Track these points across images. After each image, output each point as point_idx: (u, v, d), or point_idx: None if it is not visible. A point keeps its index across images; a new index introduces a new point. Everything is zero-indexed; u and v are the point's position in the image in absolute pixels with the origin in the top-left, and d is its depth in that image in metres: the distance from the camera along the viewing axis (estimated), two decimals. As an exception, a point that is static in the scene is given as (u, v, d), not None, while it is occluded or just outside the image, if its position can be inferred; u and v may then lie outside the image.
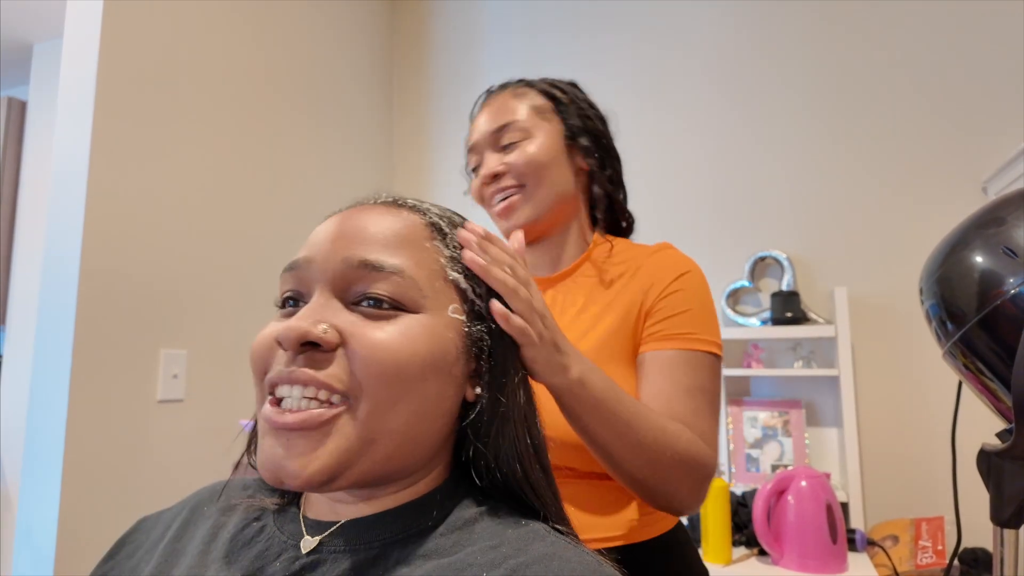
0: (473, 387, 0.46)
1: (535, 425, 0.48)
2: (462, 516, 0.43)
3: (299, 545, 0.42)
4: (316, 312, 0.41)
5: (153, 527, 0.53)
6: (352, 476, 0.40)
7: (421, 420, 0.41)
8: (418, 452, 0.43)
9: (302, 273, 0.44)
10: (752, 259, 1.92)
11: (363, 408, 0.39)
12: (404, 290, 0.42)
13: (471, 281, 0.46)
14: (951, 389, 0.72)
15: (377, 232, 0.44)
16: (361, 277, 0.42)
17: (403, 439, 0.41)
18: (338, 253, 0.43)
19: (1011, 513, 0.64)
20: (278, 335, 0.40)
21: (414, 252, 0.44)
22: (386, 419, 0.40)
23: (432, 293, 0.43)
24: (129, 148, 1.41)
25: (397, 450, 0.41)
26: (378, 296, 0.42)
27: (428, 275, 0.44)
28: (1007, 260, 0.61)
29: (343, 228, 0.44)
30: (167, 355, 1.45)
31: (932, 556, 1.51)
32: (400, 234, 0.44)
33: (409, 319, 0.42)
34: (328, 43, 2.15)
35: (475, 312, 0.46)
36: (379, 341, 0.40)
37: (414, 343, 0.41)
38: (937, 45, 1.82)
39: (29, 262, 2.41)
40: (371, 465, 0.40)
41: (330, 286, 0.43)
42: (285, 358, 0.40)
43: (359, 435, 0.39)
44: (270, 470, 0.39)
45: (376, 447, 0.40)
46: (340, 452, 0.39)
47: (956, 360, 0.67)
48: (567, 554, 0.39)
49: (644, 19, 2.17)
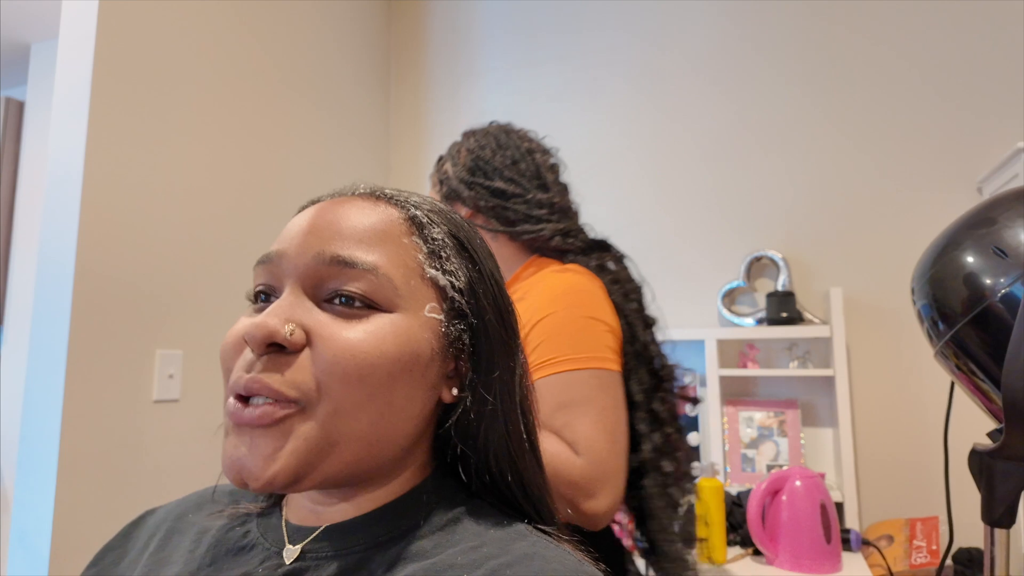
0: (451, 388, 0.44)
1: (530, 422, 0.47)
2: (444, 517, 0.43)
3: (281, 553, 0.42)
4: (285, 310, 0.40)
5: (137, 534, 0.53)
6: (317, 478, 0.39)
7: (386, 423, 0.40)
8: (386, 454, 0.42)
9: (273, 267, 0.42)
10: (748, 259, 1.93)
11: (323, 411, 0.38)
12: (377, 288, 0.40)
13: (450, 277, 0.44)
14: (944, 389, 0.73)
15: (352, 226, 0.42)
16: (334, 274, 0.41)
17: (368, 442, 0.40)
18: (310, 248, 0.41)
19: (1002, 512, 0.64)
20: (245, 333, 0.39)
21: (390, 248, 0.42)
22: (348, 423, 0.39)
23: (408, 292, 0.42)
24: (125, 148, 1.41)
25: (362, 453, 0.40)
26: (350, 294, 0.40)
27: (404, 273, 0.42)
28: (997, 260, 0.62)
29: (317, 221, 0.43)
30: (163, 355, 1.45)
31: (927, 556, 1.51)
32: (376, 229, 0.43)
33: (381, 319, 0.40)
34: (325, 41, 2.15)
35: (455, 310, 0.44)
36: (346, 343, 0.39)
37: (382, 345, 0.39)
38: (933, 46, 1.83)
39: (27, 262, 2.41)
40: (337, 467, 0.39)
41: (301, 282, 0.41)
42: (247, 359, 0.39)
43: (320, 437, 0.38)
44: (233, 469, 0.38)
45: (340, 450, 0.39)
46: (300, 453, 0.38)
47: (948, 360, 0.67)
48: (549, 553, 0.39)
49: (640, 18, 2.17)
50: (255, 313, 0.43)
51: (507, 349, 0.46)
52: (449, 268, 0.44)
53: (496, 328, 0.45)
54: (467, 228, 0.48)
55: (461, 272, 0.45)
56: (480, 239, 0.49)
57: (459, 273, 0.44)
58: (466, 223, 0.49)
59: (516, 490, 0.45)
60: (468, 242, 0.47)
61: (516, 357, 0.47)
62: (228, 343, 0.41)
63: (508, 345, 0.46)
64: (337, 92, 2.19)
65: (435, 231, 0.45)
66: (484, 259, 0.47)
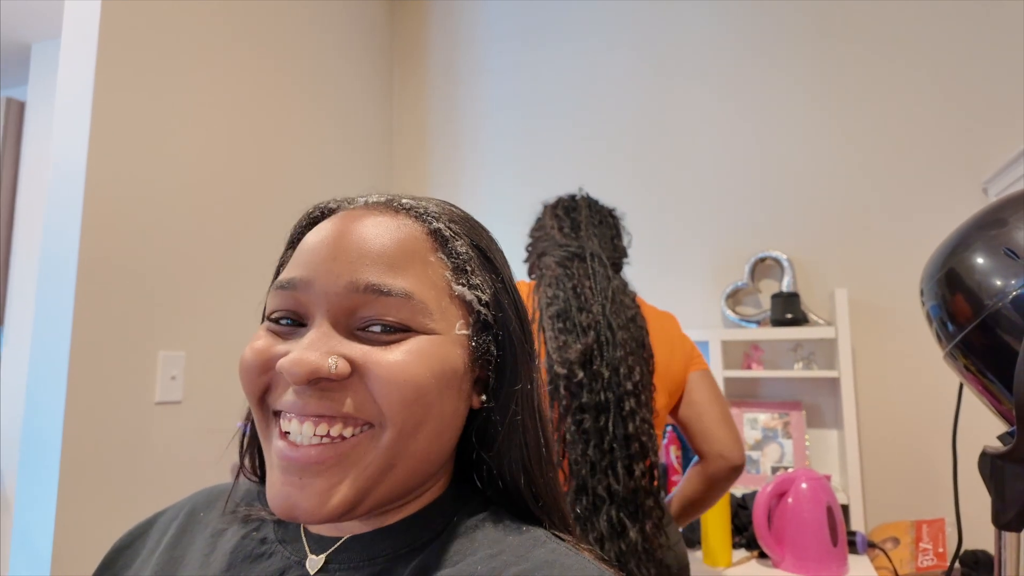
0: (479, 395, 0.45)
1: (547, 431, 0.47)
2: (464, 524, 0.43)
3: (304, 563, 0.42)
4: (322, 342, 0.38)
5: (148, 534, 0.52)
6: (369, 504, 0.39)
7: (439, 439, 0.41)
8: (431, 470, 0.42)
9: (300, 295, 0.41)
10: (752, 260, 1.92)
11: (387, 435, 0.38)
12: (413, 315, 0.40)
13: (476, 292, 0.44)
14: (952, 391, 0.72)
15: (379, 248, 0.41)
16: (367, 302, 0.39)
17: (421, 461, 0.40)
18: (341, 276, 0.40)
19: (1013, 516, 0.63)
20: (284, 369, 0.37)
21: (419, 269, 0.41)
22: (408, 443, 0.39)
23: (440, 314, 0.41)
24: (127, 148, 1.40)
25: (414, 472, 0.40)
26: (387, 323, 0.39)
27: (436, 295, 0.41)
28: (1009, 262, 0.61)
29: (341, 244, 0.41)
30: (165, 357, 1.45)
31: (933, 558, 1.50)
32: (403, 249, 0.42)
33: (419, 340, 0.40)
34: (327, 42, 2.14)
35: (481, 322, 0.44)
36: (397, 366, 0.38)
37: (429, 364, 0.39)
38: (937, 47, 1.82)
39: (28, 263, 2.40)
40: (391, 489, 0.39)
41: (333, 311, 0.40)
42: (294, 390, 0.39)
43: (380, 463, 0.38)
44: (283, 508, 0.37)
45: (395, 472, 0.39)
46: (359, 483, 0.38)
47: (957, 362, 0.66)
48: (568, 561, 0.38)
49: (643, 20, 2.17)
50: (276, 337, 0.42)
51: (528, 356, 0.46)
52: (475, 283, 0.44)
53: (519, 336, 0.45)
54: (486, 235, 0.48)
55: (486, 285, 0.44)
56: (497, 244, 0.49)
57: (484, 287, 0.44)
58: (482, 227, 0.49)
59: (529, 498, 0.45)
60: (489, 251, 0.46)
61: (534, 362, 0.47)
62: (252, 364, 0.41)
63: (528, 352, 0.46)
64: (339, 92, 2.19)
65: (458, 245, 0.44)
66: (503, 267, 0.47)
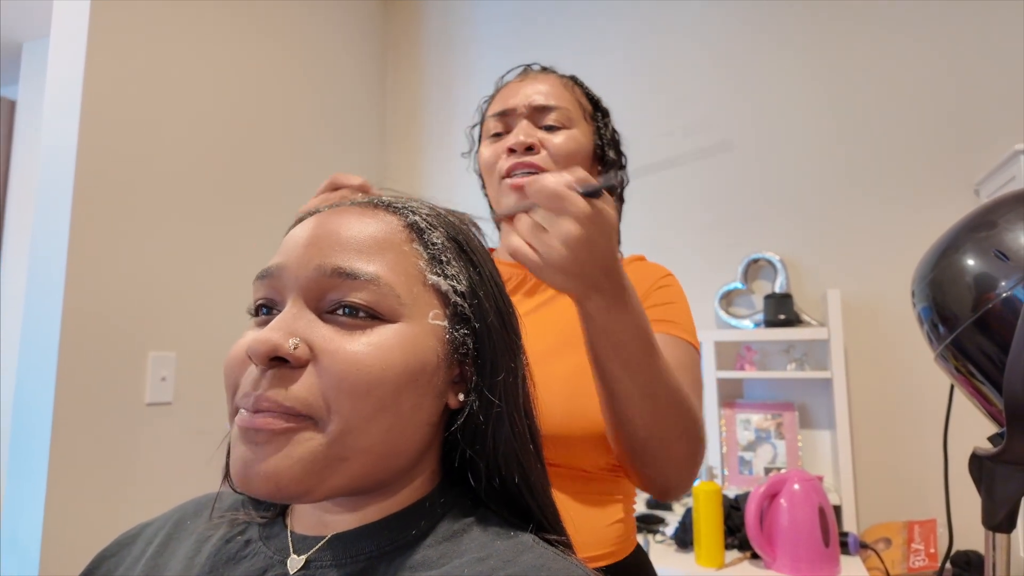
0: (456, 393, 0.44)
1: (533, 423, 0.47)
2: (451, 527, 0.42)
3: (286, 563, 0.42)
4: (288, 323, 0.40)
5: (134, 542, 0.52)
6: (325, 490, 0.39)
7: (396, 435, 0.40)
8: (396, 464, 0.42)
9: (275, 281, 0.42)
10: (745, 261, 1.92)
11: (333, 428, 0.38)
12: (380, 298, 0.40)
13: (451, 282, 0.44)
14: (943, 392, 0.72)
15: (352, 237, 0.42)
16: (335, 285, 0.40)
17: (377, 455, 0.40)
18: (311, 260, 0.41)
19: (1003, 517, 0.63)
20: (249, 348, 0.38)
21: (391, 256, 0.42)
22: (357, 438, 0.38)
23: (411, 300, 0.41)
24: (116, 148, 1.39)
25: (372, 466, 0.40)
26: (353, 304, 0.40)
27: (406, 281, 0.42)
28: (999, 263, 0.61)
29: (316, 232, 0.43)
30: (155, 357, 1.44)
31: (924, 559, 1.51)
32: (376, 238, 0.43)
33: (385, 330, 0.40)
34: (320, 41, 2.14)
35: (458, 315, 0.44)
36: (351, 357, 0.38)
37: (388, 356, 0.39)
38: (930, 49, 1.83)
39: (16, 262, 2.39)
40: (347, 480, 0.39)
41: (303, 295, 0.41)
42: (253, 376, 0.39)
43: (328, 453, 0.38)
44: (241, 474, 0.38)
45: (349, 464, 0.39)
46: (307, 463, 0.38)
47: (948, 363, 0.67)
48: (556, 566, 0.38)
49: (637, 17, 2.17)
50: (257, 327, 0.43)
51: (510, 350, 0.46)
52: (450, 272, 0.44)
53: (498, 330, 0.45)
54: (465, 230, 0.48)
55: (462, 276, 0.44)
56: (479, 240, 0.49)
57: (460, 277, 0.44)
58: (464, 224, 0.49)
59: (524, 492, 0.45)
60: (467, 244, 0.46)
61: (518, 358, 0.47)
62: (233, 358, 0.41)
63: (510, 346, 0.46)
64: (332, 91, 2.18)
65: (434, 235, 0.45)
66: (483, 261, 0.47)
